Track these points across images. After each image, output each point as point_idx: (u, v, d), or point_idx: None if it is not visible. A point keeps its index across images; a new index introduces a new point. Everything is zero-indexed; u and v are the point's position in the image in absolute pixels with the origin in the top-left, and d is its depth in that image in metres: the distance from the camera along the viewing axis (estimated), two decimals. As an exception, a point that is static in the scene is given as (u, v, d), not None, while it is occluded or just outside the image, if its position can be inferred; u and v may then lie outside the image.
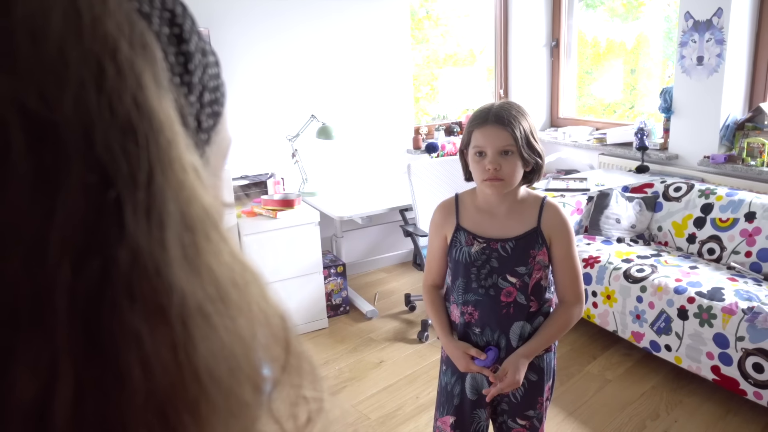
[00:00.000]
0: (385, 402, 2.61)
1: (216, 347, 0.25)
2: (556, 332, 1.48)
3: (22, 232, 0.21)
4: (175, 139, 0.25)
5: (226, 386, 0.25)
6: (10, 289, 0.21)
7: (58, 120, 0.22)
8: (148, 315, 0.23)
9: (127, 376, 0.23)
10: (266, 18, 3.47)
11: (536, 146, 1.40)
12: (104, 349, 0.22)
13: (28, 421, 0.21)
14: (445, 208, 1.54)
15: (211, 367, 0.25)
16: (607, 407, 2.51)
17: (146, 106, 0.24)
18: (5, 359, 0.21)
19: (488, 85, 4.70)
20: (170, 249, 0.24)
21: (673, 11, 3.76)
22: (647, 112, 4.04)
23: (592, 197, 3.35)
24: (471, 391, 1.55)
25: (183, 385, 0.24)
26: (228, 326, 0.26)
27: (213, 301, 0.25)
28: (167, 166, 0.24)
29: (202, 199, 0.26)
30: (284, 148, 3.59)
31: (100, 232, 0.22)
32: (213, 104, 0.34)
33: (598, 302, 2.90)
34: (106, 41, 0.23)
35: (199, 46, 0.33)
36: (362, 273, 4.11)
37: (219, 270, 0.26)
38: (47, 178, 0.22)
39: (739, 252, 2.85)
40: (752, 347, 2.27)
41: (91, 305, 0.22)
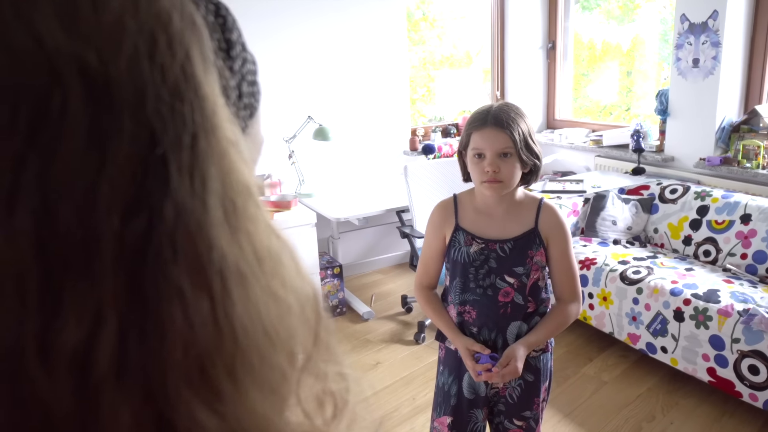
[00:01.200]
0: (381, 403, 2.61)
1: (252, 307, 0.26)
2: (554, 328, 1.49)
3: (75, 182, 0.23)
4: (219, 111, 0.27)
5: (260, 347, 0.27)
6: (62, 235, 0.23)
7: (113, 79, 0.24)
8: (189, 269, 0.25)
9: (167, 326, 0.24)
10: (262, 19, 3.46)
11: (534, 148, 1.41)
12: (147, 298, 0.24)
13: (72, 364, 0.22)
14: (444, 208, 1.54)
15: (246, 326, 0.26)
16: (603, 409, 2.52)
17: (193, 76, 0.26)
18: (55, 303, 0.22)
19: (484, 86, 4.71)
20: (211, 209, 0.26)
21: (669, 13, 3.78)
22: (643, 114, 4.05)
23: (589, 199, 3.36)
24: (468, 390, 1.55)
25: (220, 340, 0.25)
26: (264, 289, 0.27)
27: (250, 263, 0.27)
28: (210, 133, 0.26)
29: (241, 170, 0.28)
30: (281, 150, 3.59)
31: (147, 186, 0.24)
32: (249, 96, 0.36)
33: (594, 304, 2.90)
34: (160, 15, 0.25)
35: (240, 40, 0.36)
36: (359, 274, 4.11)
37: (257, 236, 0.28)
38: (100, 132, 0.23)
39: (734, 254, 2.86)
40: (748, 349, 2.27)
41: (136, 256, 0.23)
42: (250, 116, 0.36)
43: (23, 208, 0.22)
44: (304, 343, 0.30)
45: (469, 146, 1.43)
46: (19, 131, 0.22)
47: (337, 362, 0.33)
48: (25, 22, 0.23)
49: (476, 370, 1.46)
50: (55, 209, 0.22)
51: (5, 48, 0.22)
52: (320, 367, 0.32)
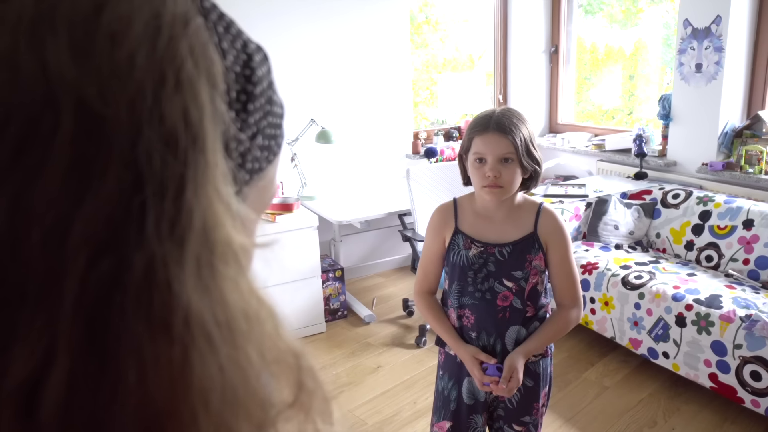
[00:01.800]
0: (382, 407, 2.61)
1: (213, 373, 0.25)
2: (553, 334, 1.48)
3: (48, 212, 0.22)
4: (214, 164, 0.26)
5: (217, 416, 0.25)
6: (24, 265, 0.22)
7: (109, 117, 0.23)
8: (151, 324, 0.23)
9: (121, 381, 0.23)
10: (264, 21, 3.47)
11: (535, 154, 1.41)
12: (103, 348, 0.23)
13: (17, 401, 0.22)
14: (444, 211, 1.54)
15: (205, 391, 0.24)
16: (604, 414, 2.51)
17: (194, 124, 0.25)
18: (8, 334, 0.22)
19: (487, 90, 4.71)
20: (185, 266, 0.24)
21: (672, 18, 3.77)
22: (646, 118, 4.05)
23: (591, 203, 3.36)
24: (468, 396, 1.55)
25: (174, 404, 0.24)
26: (231, 355, 0.26)
27: (219, 326, 0.25)
28: (200, 186, 0.25)
29: (228, 229, 0.26)
30: (283, 152, 3.58)
31: (122, 232, 0.23)
32: (264, 149, 0.35)
33: (596, 309, 2.89)
34: (174, 57, 0.25)
35: (266, 93, 0.35)
36: (360, 277, 4.11)
37: (232, 298, 0.26)
38: (85, 167, 0.23)
39: (737, 259, 2.86)
40: (750, 355, 2.27)
41: (98, 301, 0.23)
42: (260, 170, 0.35)
43: None
44: (280, 406, 0.29)
45: (471, 151, 1.43)
46: (2, 150, 0.22)
47: (323, 419, 0.31)
48: (36, 45, 0.23)
49: (483, 381, 1.46)
50: (22, 237, 0.22)
51: (7, 66, 0.22)
52: (300, 427, 0.30)
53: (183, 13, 0.26)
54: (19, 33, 0.23)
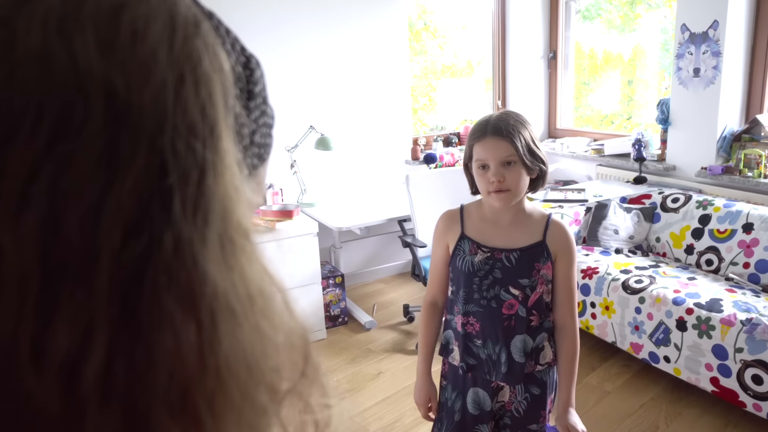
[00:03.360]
0: (383, 414, 2.60)
1: (238, 344, 0.27)
2: (572, 365, 1.49)
3: (83, 195, 0.24)
4: (229, 153, 0.28)
5: (243, 384, 0.27)
6: (63, 243, 0.23)
7: (136, 107, 0.25)
8: (181, 300, 0.25)
9: (156, 352, 0.25)
10: (265, 30, 3.48)
11: (538, 153, 1.39)
12: (138, 322, 0.24)
13: (62, 371, 0.23)
14: (450, 217, 1.53)
15: (230, 361, 0.27)
16: (606, 419, 2.51)
17: (211, 116, 0.27)
18: (52, 308, 0.23)
19: (486, 96, 4.72)
20: (209, 244, 0.26)
21: (670, 23, 3.79)
22: (645, 123, 4.06)
23: (590, 208, 3.36)
24: (473, 406, 1.53)
25: (204, 373, 0.26)
26: (252, 327, 0.28)
27: (241, 301, 0.27)
28: (219, 173, 0.27)
29: (242, 212, 0.29)
30: (283, 159, 3.60)
31: (151, 213, 0.25)
32: (260, 147, 0.38)
33: (596, 313, 2.89)
34: (191, 55, 0.27)
35: (262, 94, 0.38)
36: (361, 284, 4.11)
37: (251, 275, 0.28)
38: (115, 152, 0.24)
39: (737, 263, 2.86)
40: (751, 359, 2.27)
41: (131, 277, 0.24)
42: (255, 166, 0.38)
43: (32, 213, 0.23)
44: (290, 380, 0.31)
45: (473, 158, 1.42)
46: (38, 139, 0.23)
47: (322, 394, 0.34)
48: (66, 41, 0.24)
49: (426, 415, 1.57)
50: (61, 218, 0.23)
51: (41, 60, 0.24)
52: (305, 401, 0.32)
53: (194, 15, 0.29)
54: (49, 30, 0.24)
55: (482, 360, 1.49)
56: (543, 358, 1.50)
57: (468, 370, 1.52)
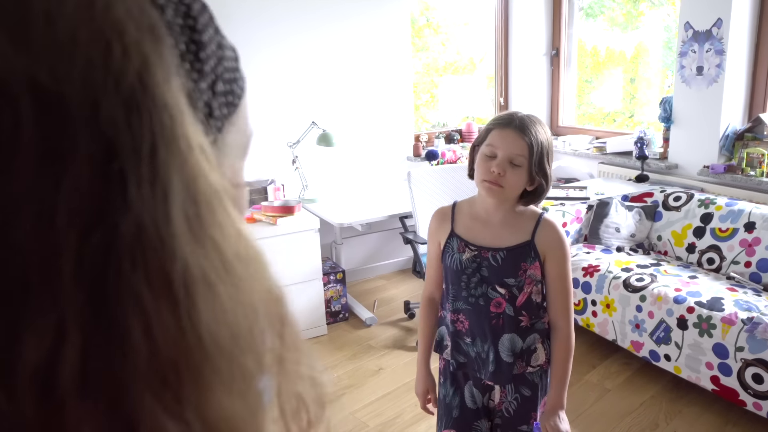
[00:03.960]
0: (383, 410, 2.60)
1: (219, 314, 0.26)
2: (565, 366, 1.47)
3: (30, 199, 0.22)
4: (180, 118, 0.26)
5: (228, 352, 0.26)
6: (19, 254, 0.22)
7: (65, 95, 0.23)
8: (151, 282, 0.24)
9: (131, 338, 0.24)
10: (267, 26, 3.48)
11: (546, 168, 1.38)
12: (109, 313, 0.23)
13: (34, 382, 0.22)
14: (441, 214, 1.53)
15: (214, 332, 0.26)
16: (606, 417, 2.51)
17: (150, 84, 0.25)
18: (17, 325, 0.22)
19: (488, 93, 4.71)
20: (174, 220, 0.25)
21: (673, 21, 3.78)
22: (647, 121, 4.05)
23: (592, 206, 3.36)
24: (471, 400, 1.54)
25: (186, 349, 0.25)
26: (231, 295, 0.27)
27: (217, 270, 0.27)
28: (171, 142, 0.25)
29: (208, 176, 0.27)
30: (285, 155, 3.59)
31: (105, 202, 0.24)
32: (227, 95, 0.35)
33: (597, 311, 2.89)
34: (115, 24, 0.25)
35: (214, 39, 0.34)
36: (362, 280, 4.11)
37: (223, 243, 0.27)
38: (54, 148, 0.23)
39: (738, 262, 2.85)
40: (752, 358, 2.27)
41: (96, 271, 0.23)
42: (228, 114, 0.35)
43: None
44: (272, 346, 0.30)
45: (485, 142, 1.39)
46: None
47: (308, 366, 0.33)
48: None
49: (424, 406, 1.59)
50: (12, 229, 0.22)
51: None
52: (292, 369, 0.32)
53: None
54: None
55: (471, 358, 1.49)
56: (535, 360, 1.48)
57: (458, 368, 1.52)
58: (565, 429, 1.46)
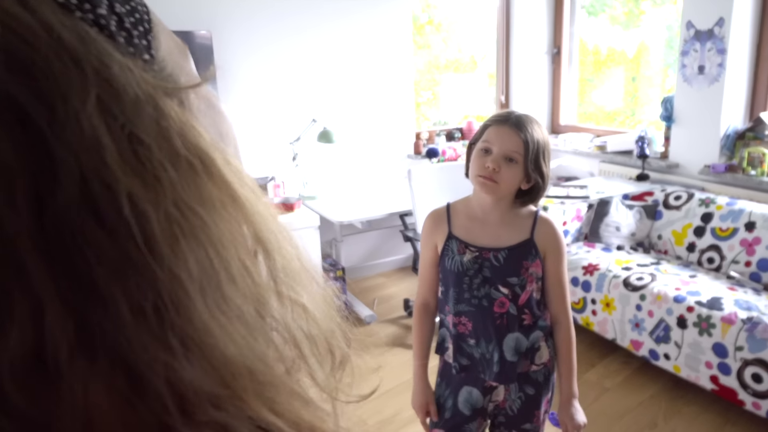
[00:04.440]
0: (382, 407, 2.60)
1: (194, 250, 0.25)
2: (571, 357, 1.50)
3: None
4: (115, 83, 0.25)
5: (207, 281, 0.25)
6: None
7: None
8: (110, 229, 0.23)
9: (104, 292, 0.22)
10: (268, 22, 3.47)
11: (543, 167, 1.38)
12: (78, 273, 0.22)
13: (28, 367, 0.21)
14: (436, 216, 1.51)
15: (200, 261, 0.25)
16: (605, 416, 2.51)
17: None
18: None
19: (489, 91, 4.71)
20: (109, 159, 0.23)
21: (675, 20, 3.77)
22: (648, 120, 4.04)
23: (592, 205, 3.36)
24: (465, 405, 1.52)
25: (166, 280, 0.24)
26: (206, 231, 0.26)
27: (183, 212, 0.25)
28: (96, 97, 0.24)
29: (129, 87, 0.25)
30: (285, 152, 3.59)
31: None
32: (131, 30, 0.30)
33: (597, 310, 2.89)
34: None
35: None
36: (361, 277, 4.11)
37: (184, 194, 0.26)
38: None
39: (738, 262, 2.85)
40: (751, 357, 2.27)
41: (58, 239, 0.22)
42: (147, 45, 0.31)
43: None
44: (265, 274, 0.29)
45: (481, 138, 1.40)
46: None
47: (314, 296, 0.32)
48: None
49: (424, 421, 1.55)
50: None
51: None
52: (291, 301, 0.31)
53: None
54: None
55: (476, 359, 1.48)
56: (539, 359, 1.49)
57: (461, 370, 1.51)
58: (582, 420, 1.49)
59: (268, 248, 0.30)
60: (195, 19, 3.22)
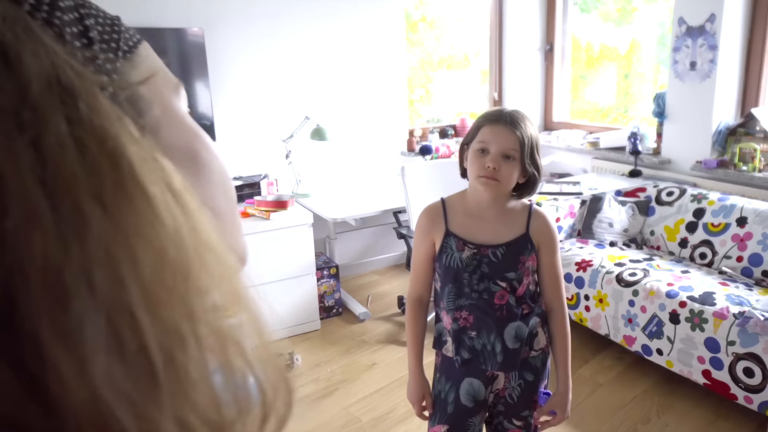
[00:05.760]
0: (376, 404, 2.61)
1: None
2: (567, 345, 1.54)
3: None
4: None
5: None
6: None
7: None
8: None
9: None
10: (260, 19, 3.46)
11: (537, 159, 1.42)
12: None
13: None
14: (432, 212, 1.51)
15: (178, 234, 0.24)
16: (598, 411, 2.52)
17: None
18: None
19: (482, 88, 4.71)
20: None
21: (667, 16, 3.78)
22: (640, 116, 4.06)
23: (585, 201, 3.36)
24: (467, 398, 1.53)
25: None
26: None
27: None
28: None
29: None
30: (278, 149, 3.58)
31: None
32: (102, 42, 0.31)
33: (590, 306, 2.90)
34: None
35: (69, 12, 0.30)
36: (355, 275, 4.11)
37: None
38: None
39: (730, 257, 2.87)
40: (743, 352, 2.28)
41: None
42: (128, 52, 0.31)
43: None
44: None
45: (476, 139, 1.42)
46: None
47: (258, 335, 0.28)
48: None
49: (420, 413, 1.58)
50: None
51: None
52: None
53: None
54: None
55: (477, 351, 1.49)
56: (537, 344, 1.52)
57: (463, 364, 1.52)
58: (568, 412, 1.58)
59: (187, 268, 0.25)
60: (187, 16, 3.21)
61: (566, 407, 1.54)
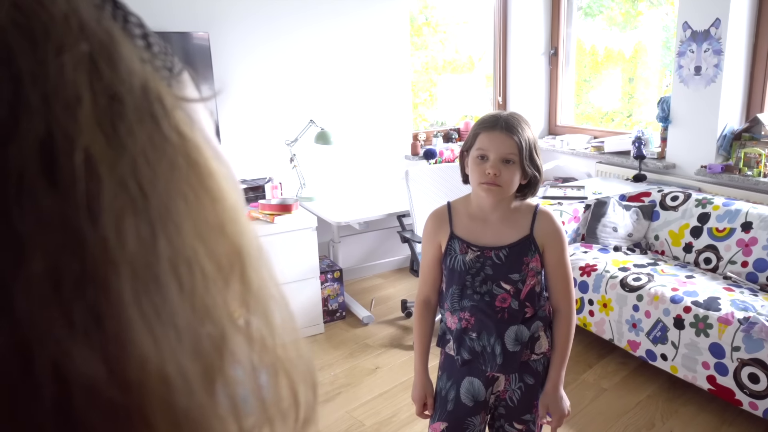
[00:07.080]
0: (380, 408, 2.60)
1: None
2: (565, 346, 1.53)
3: None
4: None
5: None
6: None
7: None
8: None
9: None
10: (265, 23, 3.47)
11: (537, 160, 1.43)
12: (6, 220, 0.21)
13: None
14: (438, 216, 1.54)
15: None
16: (602, 416, 2.51)
17: None
18: None
19: (487, 92, 4.71)
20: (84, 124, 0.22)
21: (672, 21, 3.78)
22: (645, 120, 4.05)
23: (590, 205, 3.36)
24: (467, 397, 1.54)
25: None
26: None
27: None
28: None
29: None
30: (282, 153, 3.59)
31: None
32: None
33: (594, 311, 2.89)
34: None
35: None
36: (359, 278, 4.11)
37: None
38: None
39: (735, 262, 2.86)
40: (748, 357, 2.27)
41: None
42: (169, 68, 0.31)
43: None
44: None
45: (474, 147, 1.43)
46: None
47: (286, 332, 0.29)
48: None
49: (421, 413, 1.59)
50: None
51: None
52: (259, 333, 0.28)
53: None
54: None
55: (477, 353, 1.51)
56: (538, 348, 1.52)
57: (464, 364, 1.54)
58: (567, 408, 1.55)
59: (245, 264, 0.27)
60: (192, 20, 3.22)
61: (558, 406, 1.53)
